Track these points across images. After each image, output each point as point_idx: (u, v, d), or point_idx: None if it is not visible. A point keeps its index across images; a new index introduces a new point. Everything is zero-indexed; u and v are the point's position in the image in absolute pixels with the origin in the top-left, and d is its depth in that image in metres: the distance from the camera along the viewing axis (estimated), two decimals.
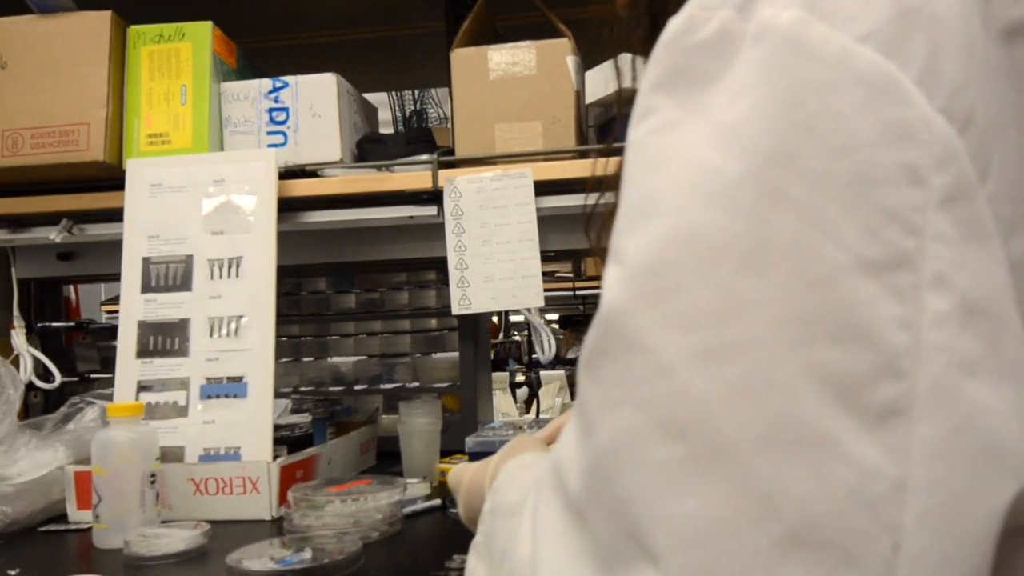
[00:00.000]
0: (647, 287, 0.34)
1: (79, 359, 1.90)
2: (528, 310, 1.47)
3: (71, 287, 2.29)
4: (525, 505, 0.53)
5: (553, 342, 1.44)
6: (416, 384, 1.95)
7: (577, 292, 4.35)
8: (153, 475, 1.16)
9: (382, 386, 1.95)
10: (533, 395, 2.56)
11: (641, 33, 0.55)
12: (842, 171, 0.32)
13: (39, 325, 1.82)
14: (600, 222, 0.58)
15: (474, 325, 1.86)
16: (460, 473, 0.71)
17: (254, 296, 1.34)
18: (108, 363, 2.06)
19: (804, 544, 0.30)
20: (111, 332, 2.25)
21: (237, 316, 1.34)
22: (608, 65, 1.36)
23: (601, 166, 0.60)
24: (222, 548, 1.10)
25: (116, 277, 1.41)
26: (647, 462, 0.32)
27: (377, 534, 1.10)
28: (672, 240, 0.34)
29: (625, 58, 1.36)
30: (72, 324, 1.81)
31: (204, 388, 1.32)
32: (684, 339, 0.33)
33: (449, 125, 3.28)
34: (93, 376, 1.91)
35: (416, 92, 3.03)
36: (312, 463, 1.38)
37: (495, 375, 2.63)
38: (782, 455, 0.30)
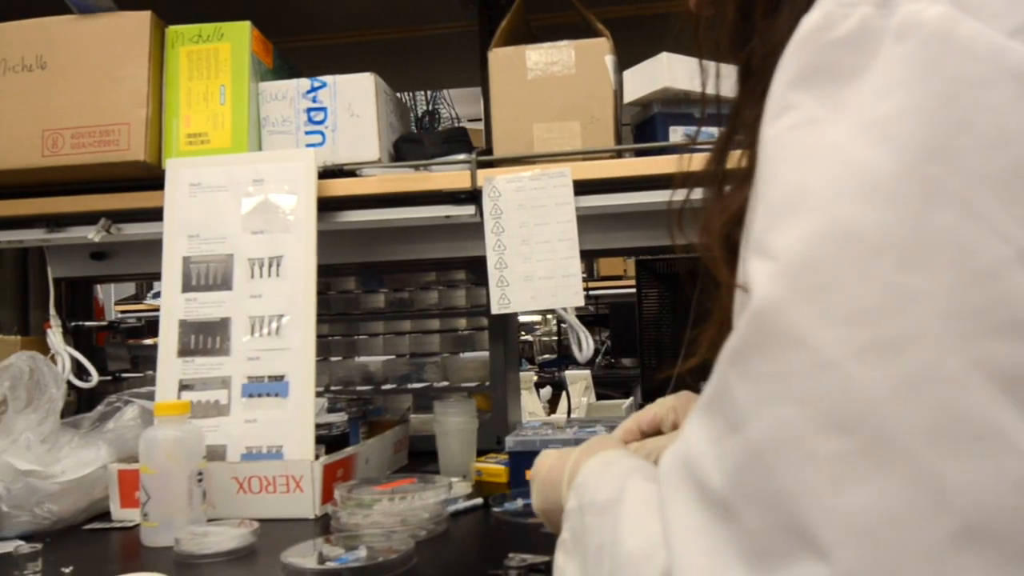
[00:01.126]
0: (803, 283, 0.34)
1: (110, 358, 1.90)
2: (564, 309, 1.47)
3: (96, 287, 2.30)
4: (621, 502, 0.54)
5: (591, 341, 1.44)
6: (445, 384, 1.95)
7: (590, 292, 4.35)
8: (200, 473, 1.16)
9: (411, 385, 1.95)
10: (559, 394, 2.56)
11: (727, 30, 0.55)
12: (1000, 164, 0.32)
13: (71, 324, 1.82)
14: (676, 218, 0.57)
15: (504, 325, 1.86)
16: (539, 461, 0.71)
17: (294, 295, 1.34)
18: (137, 362, 2.07)
19: (979, 537, 0.30)
20: (136, 331, 2.26)
21: (278, 315, 1.34)
22: (647, 64, 1.37)
23: (686, 162, 0.59)
24: (268, 546, 1.11)
25: (146, 276, 1.44)
26: (810, 456, 0.32)
27: (424, 533, 1.11)
28: (826, 236, 0.34)
29: (671, 57, 1.35)
30: (104, 324, 1.82)
31: (245, 387, 1.32)
32: (845, 334, 0.33)
33: (459, 124, 3.29)
34: (124, 375, 1.91)
35: (428, 93, 3.03)
36: (351, 462, 1.38)
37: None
38: (951, 448, 0.31)
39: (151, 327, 2.05)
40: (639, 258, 2.05)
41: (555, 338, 5.75)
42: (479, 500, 1.28)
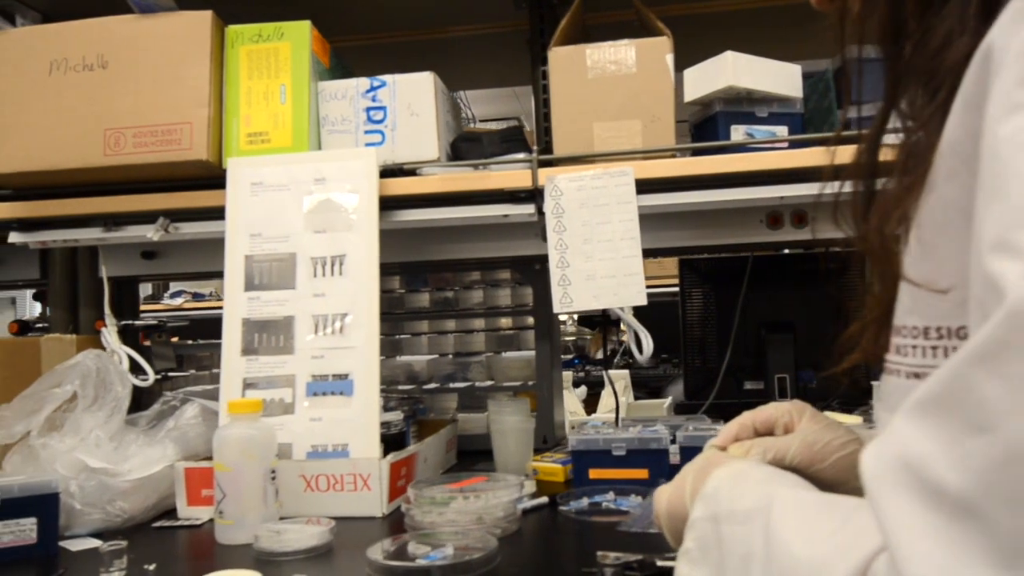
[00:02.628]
0: None
1: (156, 357, 1.91)
2: (621, 309, 1.46)
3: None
4: (771, 509, 0.53)
5: (651, 341, 1.43)
6: (490, 383, 1.95)
7: None
8: (273, 471, 1.17)
9: (455, 384, 1.95)
10: (595, 394, 2.56)
11: (881, 22, 0.54)
12: None
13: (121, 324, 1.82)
14: (852, 210, 0.57)
15: (549, 324, 1.86)
16: (658, 498, 0.71)
17: (358, 294, 1.35)
18: (181, 361, 2.08)
19: None
20: (174, 331, 2.27)
21: (341, 314, 1.34)
22: (710, 63, 1.37)
23: (837, 155, 0.59)
24: (343, 544, 1.11)
25: (193, 276, 1.42)
26: None
27: (499, 531, 1.11)
28: None
29: (735, 56, 1.35)
30: (154, 323, 1.82)
31: (310, 385, 1.33)
32: None
33: (475, 125, 3.28)
34: (170, 374, 1.92)
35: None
36: (413, 461, 1.39)
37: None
38: None
39: (196, 327, 2.06)
40: (683, 257, 2.04)
41: (571, 338, 5.74)
42: (544, 499, 1.28)
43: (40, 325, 1.94)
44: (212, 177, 1.44)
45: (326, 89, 1.46)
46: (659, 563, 0.88)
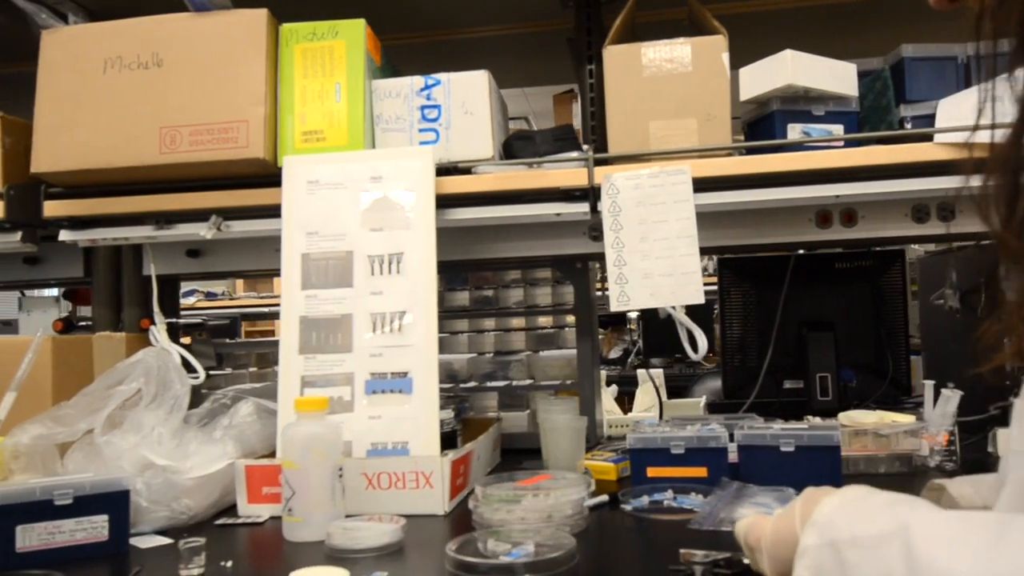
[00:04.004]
0: None
1: (197, 355, 1.91)
2: (673, 308, 1.46)
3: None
4: (910, 532, 0.53)
5: (705, 340, 1.43)
6: (529, 381, 1.95)
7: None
8: (340, 469, 1.17)
9: (494, 383, 1.95)
10: (624, 393, 2.56)
11: (1016, 17, 0.54)
12: None
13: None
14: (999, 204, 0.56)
15: (590, 322, 1.86)
16: (755, 528, 0.71)
17: (415, 292, 1.35)
18: (221, 359, 2.08)
19: None
20: (219, 330, 2.27)
21: (400, 312, 1.34)
22: (768, 62, 1.36)
23: (982, 148, 0.59)
24: (410, 542, 1.11)
25: (237, 274, 1.42)
26: None
27: (568, 529, 1.11)
28: None
29: (794, 54, 1.35)
30: (198, 322, 1.82)
31: (369, 383, 1.33)
32: None
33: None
34: (211, 372, 1.92)
35: None
36: (469, 459, 1.39)
37: None
38: None
39: (235, 325, 2.06)
40: (723, 256, 2.04)
41: None
42: (605, 497, 1.28)
43: (83, 323, 1.94)
44: (265, 175, 1.44)
45: (380, 88, 1.46)
46: (745, 560, 0.88)
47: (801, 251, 1.94)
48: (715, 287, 2.00)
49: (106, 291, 1.79)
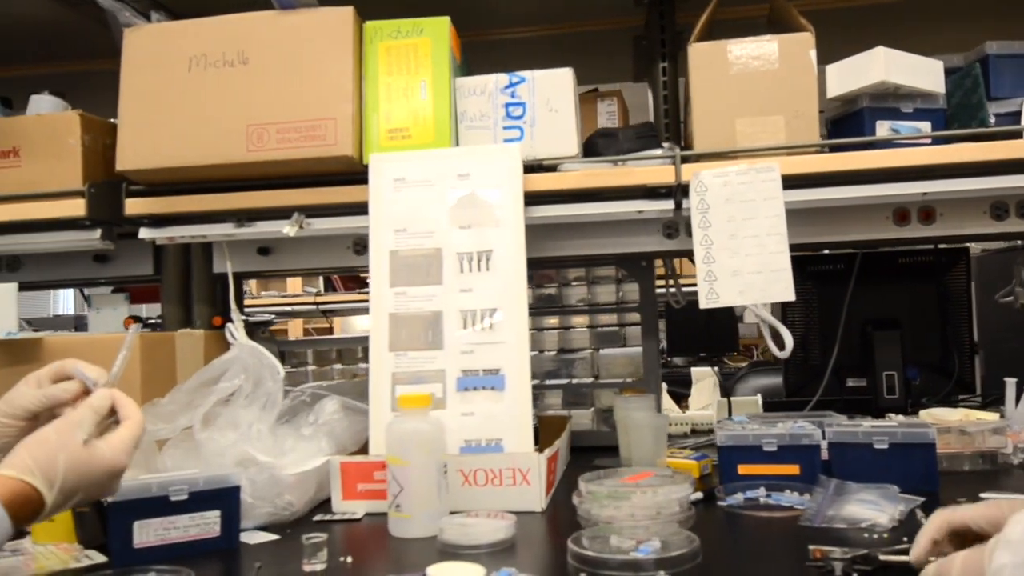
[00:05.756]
0: None
1: None
2: (755, 305, 1.46)
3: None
4: None
5: (791, 337, 1.43)
6: (592, 379, 1.95)
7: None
8: (445, 465, 1.17)
9: (557, 381, 1.96)
10: (701, 391, 2.55)
11: None
12: None
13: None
14: None
15: (654, 321, 1.86)
16: (946, 565, 0.72)
17: (506, 290, 1.35)
18: (283, 357, 2.08)
19: None
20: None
21: (490, 309, 1.34)
22: (858, 59, 1.36)
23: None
24: (517, 538, 1.11)
25: (306, 272, 1.42)
26: None
27: (676, 525, 1.11)
28: None
29: (887, 52, 1.35)
30: (265, 320, 1.83)
31: (460, 380, 1.33)
32: None
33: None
34: None
35: None
36: (558, 456, 1.39)
37: None
38: None
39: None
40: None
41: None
42: (699, 494, 1.28)
43: (152, 321, 1.95)
44: (349, 173, 1.45)
45: (463, 85, 1.46)
46: (881, 557, 0.88)
47: (867, 249, 1.93)
48: None
49: (176, 289, 1.79)
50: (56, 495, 0.83)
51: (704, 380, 2.30)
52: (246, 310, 2.09)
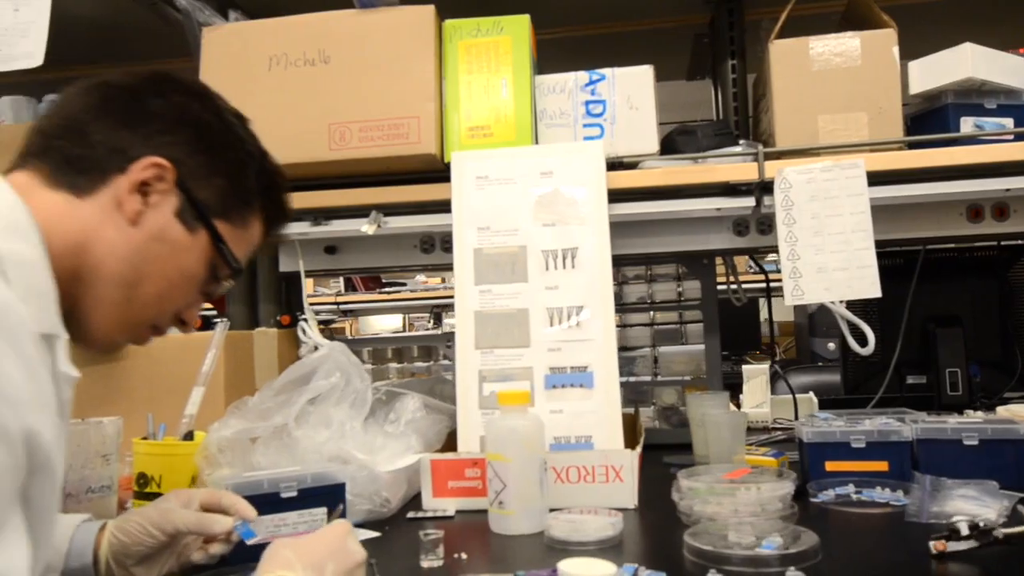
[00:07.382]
0: None
1: None
2: (832, 303, 1.46)
3: None
4: None
5: (872, 334, 1.43)
6: (651, 377, 1.96)
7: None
8: (545, 461, 1.17)
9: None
10: (753, 389, 2.55)
11: None
12: None
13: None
14: None
15: (716, 318, 1.86)
16: None
17: (592, 287, 1.35)
18: None
19: None
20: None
21: (577, 307, 1.35)
22: (943, 55, 1.36)
23: None
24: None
25: (366, 271, 1.42)
26: None
27: (781, 521, 1.11)
28: None
29: (974, 48, 1.34)
30: (328, 318, 1.83)
31: (548, 378, 1.33)
32: None
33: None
34: None
35: None
36: (642, 453, 1.39)
37: None
38: None
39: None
40: None
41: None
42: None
43: (216, 320, 1.95)
44: (430, 171, 1.45)
45: (543, 83, 1.47)
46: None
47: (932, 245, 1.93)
48: None
49: (242, 287, 1.80)
50: None
51: (757, 378, 2.30)
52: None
